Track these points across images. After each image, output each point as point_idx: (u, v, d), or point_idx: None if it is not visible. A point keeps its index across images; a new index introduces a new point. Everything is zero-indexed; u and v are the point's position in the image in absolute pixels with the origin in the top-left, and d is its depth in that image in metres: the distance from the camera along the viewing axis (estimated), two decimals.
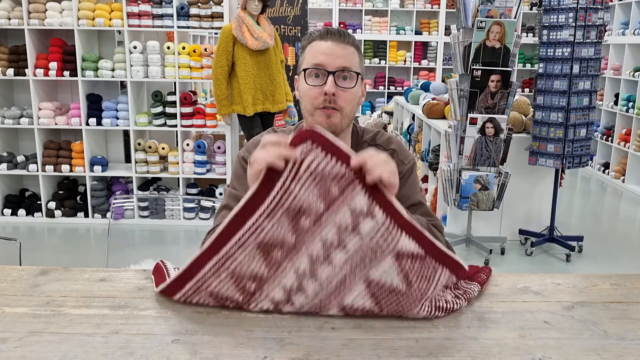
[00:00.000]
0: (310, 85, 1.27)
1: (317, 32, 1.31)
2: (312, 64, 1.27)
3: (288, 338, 1.02)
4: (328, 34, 1.28)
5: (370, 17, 8.88)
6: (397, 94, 7.80)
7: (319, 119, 1.29)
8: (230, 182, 1.36)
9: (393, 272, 1.05)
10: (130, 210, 4.54)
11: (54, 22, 4.30)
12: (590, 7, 3.63)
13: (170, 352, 0.99)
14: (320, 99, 1.27)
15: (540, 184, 4.18)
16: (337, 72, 1.26)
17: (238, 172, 1.35)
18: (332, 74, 1.26)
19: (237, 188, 1.31)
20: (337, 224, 1.03)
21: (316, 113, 1.29)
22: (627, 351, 1.01)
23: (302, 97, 1.31)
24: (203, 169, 4.56)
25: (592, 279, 1.35)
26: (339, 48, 1.27)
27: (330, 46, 1.27)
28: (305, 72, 1.28)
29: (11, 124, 4.45)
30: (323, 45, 1.28)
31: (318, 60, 1.27)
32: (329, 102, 1.27)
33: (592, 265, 3.89)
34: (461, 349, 1.01)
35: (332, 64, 1.26)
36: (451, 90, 3.67)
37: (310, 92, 1.28)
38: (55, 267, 1.34)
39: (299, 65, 1.34)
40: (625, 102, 6.19)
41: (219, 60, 3.98)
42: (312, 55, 1.28)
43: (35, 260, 3.53)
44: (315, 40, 1.29)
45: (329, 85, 1.26)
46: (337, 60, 1.26)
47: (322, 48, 1.27)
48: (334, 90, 1.26)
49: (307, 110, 1.30)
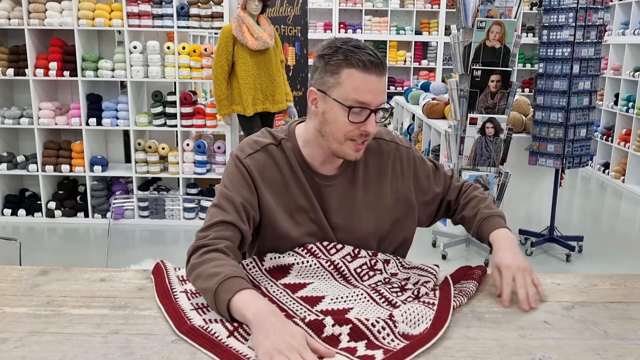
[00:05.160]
0: (352, 122, 1.23)
1: (356, 58, 1.20)
2: (357, 102, 1.21)
3: None
4: (372, 65, 1.20)
5: (370, 17, 8.88)
6: (397, 94, 7.80)
7: (349, 152, 1.27)
8: (222, 180, 1.33)
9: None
10: (130, 210, 4.54)
11: (54, 22, 4.29)
12: (590, 7, 3.63)
13: (170, 352, 0.99)
14: (356, 133, 1.24)
15: (540, 184, 4.18)
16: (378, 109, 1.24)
17: (231, 172, 1.32)
18: (374, 112, 1.24)
19: (230, 189, 1.29)
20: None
21: (346, 144, 1.26)
22: (627, 351, 1.01)
23: (332, 125, 1.25)
24: (203, 169, 4.56)
25: (592, 279, 1.35)
26: (382, 83, 1.23)
27: (375, 82, 1.21)
28: (350, 110, 1.21)
29: (11, 124, 4.45)
30: (369, 81, 1.21)
31: (364, 99, 1.21)
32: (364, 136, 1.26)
33: (592, 265, 3.89)
34: (461, 349, 1.01)
35: (376, 102, 1.23)
36: (451, 90, 3.67)
37: (349, 127, 1.24)
38: (55, 267, 1.35)
39: (324, 83, 1.24)
40: (625, 102, 6.18)
41: (219, 60, 3.98)
42: (355, 89, 1.20)
43: (35, 260, 3.53)
44: (356, 69, 1.20)
45: (372, 125, 1.24)
46: (380, 97, 1.23)
47: (368, 85, 1.21)
48: (376, 130, 1.25)
49: (337, 139, 1.26)
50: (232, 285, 1.09)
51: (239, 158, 1.32)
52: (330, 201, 1.35)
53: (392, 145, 1.43)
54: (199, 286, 1.15)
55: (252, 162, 1.32)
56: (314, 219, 1.34)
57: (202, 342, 1.00)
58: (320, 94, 1.26)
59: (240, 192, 1.29)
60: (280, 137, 1.36)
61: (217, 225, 1.24)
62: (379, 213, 1.39)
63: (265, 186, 1.31)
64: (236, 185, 1.30)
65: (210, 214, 1.27)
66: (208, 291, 1.11)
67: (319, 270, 1.25)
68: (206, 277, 1.12)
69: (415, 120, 5.89)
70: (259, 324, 1.00)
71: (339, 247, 1.33)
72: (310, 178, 1.34)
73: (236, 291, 1.08)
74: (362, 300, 1.15)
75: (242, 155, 1.33)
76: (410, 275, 1.31)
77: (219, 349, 0.98)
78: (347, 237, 1.36)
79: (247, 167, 1.31)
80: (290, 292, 1.20)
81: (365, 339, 1.01)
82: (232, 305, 1.07)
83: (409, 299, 1.18)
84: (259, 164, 1.32)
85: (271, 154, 1.34)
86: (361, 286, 1.22)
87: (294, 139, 1.36)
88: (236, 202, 1.27)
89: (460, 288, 1.23)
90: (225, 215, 1.25)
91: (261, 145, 1.34)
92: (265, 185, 1.31)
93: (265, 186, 1.32)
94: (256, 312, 1.02)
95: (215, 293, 1.09)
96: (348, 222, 1.36)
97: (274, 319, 1.01)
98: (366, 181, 1.38)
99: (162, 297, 1.18)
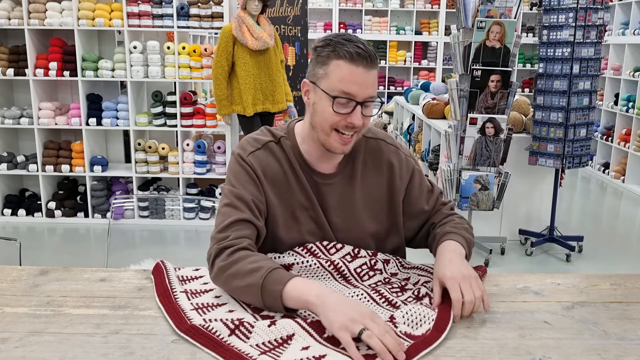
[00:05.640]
0: (337, 112, 1.23)
1: (344, 50, 1.21)
2: (342, 92, 1.21)
3: None
4: (359, 57, 1.20)
5: (370, 17, 8.88)
6: (397, 94, 7.80)
7: (335, 144, 1.27)
8: (227, 180, 1.33)
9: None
10: (130, 210, 4.54)
11: (54, 22, 4.29)
12: (590, 7, 3.63)
13: (170, 352, 0.99)
14: (342, 125, 1.24)
15: (540, 184, 4.18)
16: (365, 102, 1.24)
17: (236, 170, 1.32)
18: (360, 104, 1.23)
19: (237, 187, 1.29)
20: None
21: (332, 135, 1.26)
22: (627, 351, 1.01)
23: (320, 117, 1.26)
24: (203, 169, 4.56)
25: (592, 279, 1.35)
26: (370, 76, 1.22)
27: (362, 74, 1.21)
28: (334, 100, 1.22)
29: (11, 124, 4.45)
30: (355, 72, 1.21)
31: (349, 90, 1.21)
32: (351, 128, 1.25)
33: (592, 265, 3.89)
34: (461, 349, 1.01)
35: (362, 94, 1.22)
36: (451, 90, 3.67)
37: (334, 117, 1.24)
38: (55, 267, 1.35)
39: (315, 75, 1.26)
40: (625, 102, 6.18)
41: (219, 60, 3.98)
42: (341, 80, 1.21)
43: (35, 260, 3.53)
44: (343, 61, 1.21)
45: (357, 117, 1.23)
46: (367, 90, 1.23)
47: (354, 76, 1.21)
48: (362, 122, 1.24)
49: (323, 130, 1.26)
50: (280, 276, 1.11)
51: (241, 156, 1.32)
52: (329, 199, 1.35)
53: (392, 147, 1.42)
54: (237, 285, 1.15)
55: (254, 159, 1.32)
56: (314, 217, 1.34)
57: (204, 341, 1.00)
58: (311, 85, 1.28)
59: (248, 189, 1.29)
60: (279, 135, 1.37)
61: (234, 224, 1.24)
62: (377, 213, 1.39)
63: (268, 184, 1.32)
64: (243, 182, 1.30)
65: (223, 214, 1.26)
66: (253, 287, 1.11)
67: (319, 270, 1.25)
68: (245, 274, 1.13)
69: (415, 120, 5.89)
70: (324, 304, 1.03)
71: (339, 247, 1.33)
72: (309, 176, 1.34)
73: (287, 280, 1.10)
74: (362, 301, 1.15)
75: (244, 153, 1.33)
76: (410, 275, 1.31)
77: (220, 348, 0.98)
78: (346, 236, 1.36)
79: (250, 164, 1.31)
80: None
81: None
82: (285, 295, 1.08)
83: (409, 299, 1.18)
84: (261, 161, 1.32)
85: (272, 151, 1.34)
86: (361, 286, 1.22)
87: (293, 137, 1.36)
88: (247, 199, 1.27)
89: None
90: (239, 214, 1.25)
91: (262, 143, 1.35)
92: (268, 183, 1.32)
93: (269, 184, 1.32)
94: (318, 294, 1.05)
95: (263, 287, 1.10)
96: (346, 220, 1.36)
97: (335, 295, 1.06)
98: (364, 180, 1.38)
99: (162, 297, 1.18)
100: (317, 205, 1.34)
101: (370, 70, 1.22)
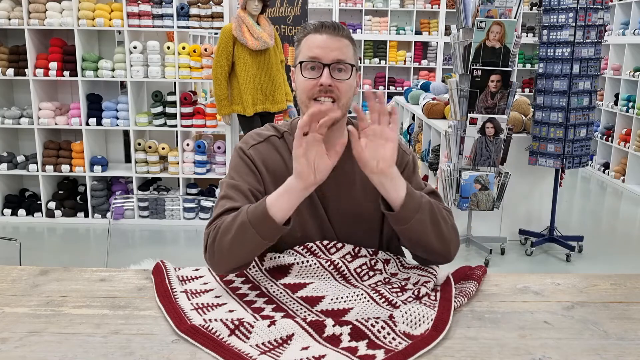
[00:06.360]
0: (306, 78, 1.29)
1: (311, 25, 1.32)
2: (307, 57, 1.29)
3: None
4: (323, 27, 1.30)
5: (370, 17, 8.88)
6: (397, 94, 7.80)
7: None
8: (228, 173, 1.36)
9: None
10: (130, 210, 4.54)
11: (54, 22, 4.29)
12: (590, 7, 3.63)
13: (170, 352, 0.99)
14: (316, 90, 1.28)
15: (540, 184, 4.18)
16: (333, 64, 1.28)
17: (236, 163, 1.35)
18: (327, 66, 1.28)
19: (236, 178, 1.32)
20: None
21: (311, 104, 1.29)
22: (627, 351, 1.01)
23: (298, 89, 1.32)
24: (203, 169, 4.56)
25: (592, 279, 1.35)
26: (334, 41, 1.29)
27: (326, 39, 1.29)
28: (301, 65, 1.30)
29: (11, 124, 4.45)
30: (318, 38, 1.29)
31: (313, 53, 1.28)
32: (325, 92, 1.28)
33: (592, 265, 3.89)
34: (461, 349, 1.01)
35: (328, 57, 1.28)
36: (451, 90, 3.67)
37: (306, 84, 1.29)
38: (55, 267, 1.35)
39: (295, 58, 1.35)
40: (625, 102, 6.18)
41: (219, 60, 3.98)
42: (307, 48, 1.30)
43: (35, 260, 3.53)
44: (310, 34, 1.31)
45: (325, 77, 1.27)
46: (333, 53, 1.28)
47: (317, 41, 1.29)
48: (330, 81, 1.27)
49: (303, 102, 1.32)
50: (258, 203, 1.19)
51: (242, 149, 1.36)
52: (328, 192, 1.35)
53: None
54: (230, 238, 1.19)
55: (255, 152, 1.35)
56: (313, 211, 1.35)
57: (204, 341, 1.00)
58: (293, 68, 1.35)
59: (246, 180, 1.32)
60: (282, 130, 1.41)
61: (225, 213, 1.25)
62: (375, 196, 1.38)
63: (269, 176, 1.34)
64: (242, 174, 1.33)
65: (219, 206, 1.29)
66: (243, 225, 1.17)
67: (319, 270, 1.25)
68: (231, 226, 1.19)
69: (415, 120, 5.89)
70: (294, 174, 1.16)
71: (339, 247, 1.33)
72: None
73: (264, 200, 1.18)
74: (362, 301, 1.15)
75: (245, 146, 1.37)
76: (410, 275, 1.31)
77: (220, 348, 0.98)
78: (346, 231, 1.36)
79: (250, 157, 1.35)
80: (290, 292, 1.20)
81: (366, 338, 1.01)
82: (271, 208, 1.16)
83: (409, 299, 1.18)
84: (262, 154, 1.36)
85: (274, 145, 1.38)
86: (361, 286, 1.22)
87: (295, 132, 1.36)
88: (243, 188, 1.30)
89: (461, 288, 1.23)
90: (232, 203, 1.27)
91: (264, 137, 1.39)
92: (269, 175, 1.34)
93: (269, 176, 1.34)
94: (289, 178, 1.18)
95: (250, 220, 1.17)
96: (346, 214, 1.37)
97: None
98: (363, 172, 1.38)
99: (162, 297, 1.18)
100: (316, 198, 1.35)
101: (335, 37, 1.30)
